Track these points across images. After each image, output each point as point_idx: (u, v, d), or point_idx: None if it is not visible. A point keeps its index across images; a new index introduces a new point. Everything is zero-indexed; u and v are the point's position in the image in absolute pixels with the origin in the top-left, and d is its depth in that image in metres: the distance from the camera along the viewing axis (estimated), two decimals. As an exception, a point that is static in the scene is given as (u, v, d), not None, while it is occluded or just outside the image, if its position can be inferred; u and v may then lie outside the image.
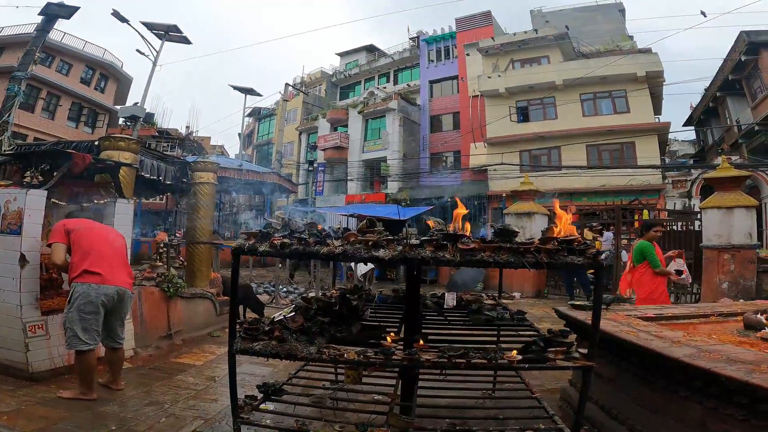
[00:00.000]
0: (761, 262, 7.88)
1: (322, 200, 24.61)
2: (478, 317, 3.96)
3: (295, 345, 2.81)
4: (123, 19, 16.60)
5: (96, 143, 5.98)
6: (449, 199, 17.80)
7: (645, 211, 12.08)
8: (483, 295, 5.04)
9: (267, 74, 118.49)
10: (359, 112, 26.34)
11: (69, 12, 6.57)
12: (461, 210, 3.20)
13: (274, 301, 10.39)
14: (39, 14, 6.52)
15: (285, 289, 11.53)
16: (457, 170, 21.97)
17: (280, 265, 11.64)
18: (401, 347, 3.06)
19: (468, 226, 3.20)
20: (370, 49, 33.74)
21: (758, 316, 3.46)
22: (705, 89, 21.94)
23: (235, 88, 26.25)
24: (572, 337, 3.19)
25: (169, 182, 7.18)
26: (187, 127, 27.46)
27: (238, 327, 2.97)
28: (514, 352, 2.70)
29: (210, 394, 4.36)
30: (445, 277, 13.02)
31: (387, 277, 15.08)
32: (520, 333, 3.77)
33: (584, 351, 2.74)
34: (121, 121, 21.41)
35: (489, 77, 20.34)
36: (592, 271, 4.27)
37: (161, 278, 6.28)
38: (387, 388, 3.72)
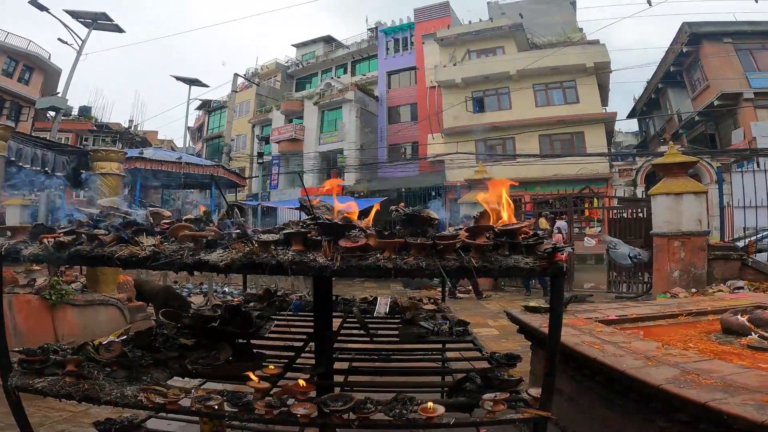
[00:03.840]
0: (711, 250, 7.66)
1: (277, 194, 23.60)
2: (409, 331, 3.18)
3: (99, 384, 2.07)
4: (42, 8, 15.16)
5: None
6: (404, 190, 17.37)
7: (595, 200, 11.93)
8: (423, 299, 4.29)
9: (219, 66, 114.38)
10: (315, 104, 25.45)
11: None
12: (335, 181, 2.41)
13: (208, 303, 9.51)
14: None
15: (223, 290, 10.64)
16: (414, 161, 21.44)
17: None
18: (279, 386, 2.32)
19: (372, 213, 2.44)
20: (328, 40, 32.79)
21: (738, 317, 2.93)
22: (648, 81, 22.40)
23: (178, 78, 24.75)
24: (516, 368, 2.48)
25: (59, 174, 6.21)
26: (131, 121, 25.73)
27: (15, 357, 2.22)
28: (431, 403, 1.91)
29: (88, 417, 3.59)
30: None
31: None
32: (462, 353, 3.06)
33: (536, 393, 1.98)
34: (51, 114, 19.71)
35: (445, 67, 19.99)
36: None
37: (40, 284, 5.37)
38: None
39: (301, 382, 2.12)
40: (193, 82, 22.60)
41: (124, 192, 6.73)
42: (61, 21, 16.05)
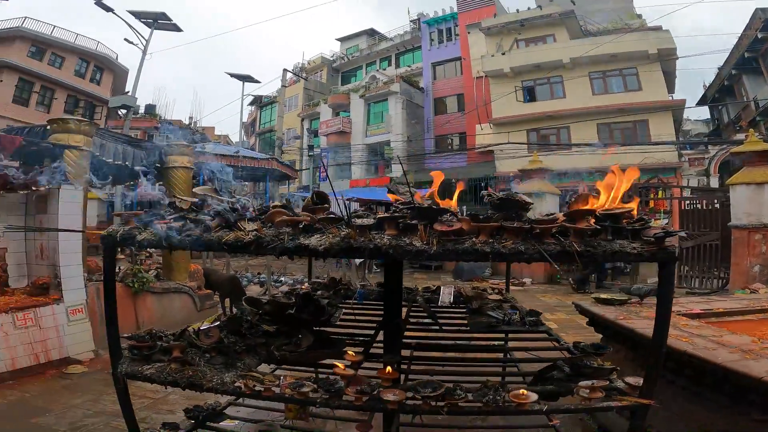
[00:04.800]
0: (796, 243, 7.08)
1: (326, 186, 24.06)
2: (478, 321, 3.15)
3: (202, 371, 2.13)
4: (107, 8, 16.09)
5: (47, 127, 5.42)
6: (454, 181, 17.01)
7: (660, 191, 11.26)
8: (487, 288, 4.21)
9: (268, 62, 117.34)
10: (361, 96, 25.60)
11: None
12: (439, 174, 2.37)
13: (266, 292, 9.88)
14: None
15: (281, 280, 11.00)
16: (462, 152, 21.11)
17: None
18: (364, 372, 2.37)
19: (453, 199, 2.34)
20: (371, 33, 32.82)
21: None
22: (719, 68, 20.93)
23: (232, 75, 25.68)
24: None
25: (138, 168, 6.60)
26: (191, 118, 27.01)
27: (123, 343, 2.30)
28: (524, 390, 1.91)
29: (169, 403, 3.83)
30: (451, 263, 12.27)
31: (389, 265, 14.24)
32: (537, 343, 3.02)
33: (634, 381, 1.94)
34: (122, 112, 21.02)
35: (493, 56, 19.52)
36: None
37: (123, 272, 5.77)
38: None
39: (389, 369, 2.16)
40: (245, 78, 23.35)
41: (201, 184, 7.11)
42: (125, 21, 17.00)
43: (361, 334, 3.12)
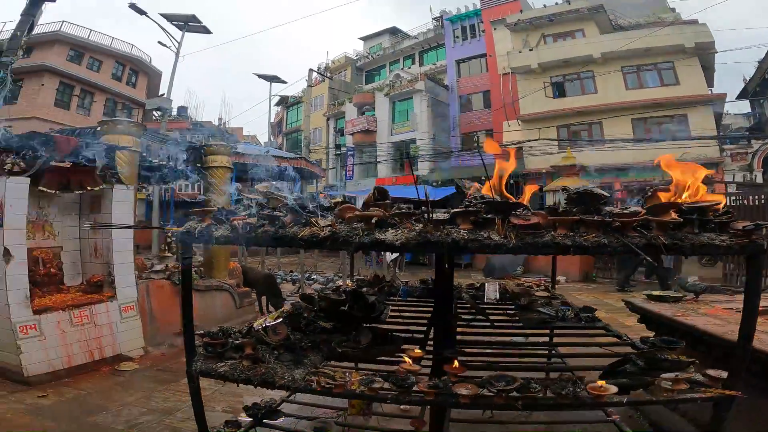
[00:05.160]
0: None
1: (353, 184, 24.19)
2: (530, 317, 3.09)
3: (273, 368, 2.17)
4: (141, 12, 16.49)
5: (98, 128, 5.61)
6: (483, 178, 16.87)
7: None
8: (533, 285, 4.16)
9: (292, 63, 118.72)
10: (386, 95, 25.61)
11: None
12: (508, 164, 2.34)
13: (299, 290, 9.98)
14: None
15: (312, 277, 11.11)
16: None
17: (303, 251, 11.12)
18: (427, 370, 2.36)
19: (528, 193, 2.39)
20: (393, 31, 32.82)
21: None
22: (759, 61, 20.10)
23: (259, 76, 26.09)
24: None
25: (180, 167, 6.77)
26: (220, 119, 27.52)
27: (198, 340, 2.34)
28: (602, 382, 1.89)
29: (217, 401, 3.92)
30: (482, 260, 12.12)
31: (420, 262, 14.16)
32: (596, 340, 2.94)
33: (715, 374, 1.92)
34: (156, 114, 21.60)
35: (520, 53, 19.22)
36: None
37: (170, 270, 5.89)
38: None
39: (456, 363, 2.15)
40: (273, 79, 23.65)
41: (232, 183, 7.27)
42: (159, 25, 17.44)
43: (411, 331, 3.11)
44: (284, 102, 33.32)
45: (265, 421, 3.05)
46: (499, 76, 22.11)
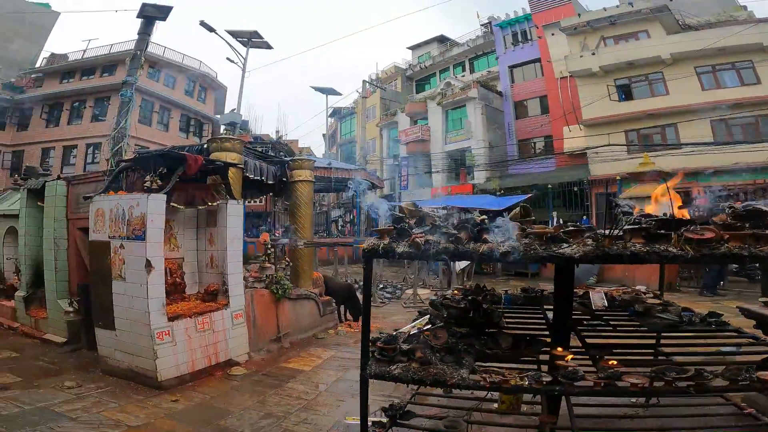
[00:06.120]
0: None
1: (407, 194, 24.23)
2: (652, 321, 3.15)
3: (441, 368, 2.33)
4: (210, 29, 17.46)
5: (205, 146, 6.01)
6: (549, 187, 16.60)
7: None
8: (640, 293, 4.22)
9: (341, 75, 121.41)
10: (438, 104, 25.58)
11: (164, 12, 6.75)
12: (664, 189, 2.50)
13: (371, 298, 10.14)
14: (137, 17, 6.71)
15: (381, 287, 11.24)
16: (551, 156, 20.35)
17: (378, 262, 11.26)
18: (586, 366, 2.47)
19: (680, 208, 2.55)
20: (441, 39, 32.83)
21: None
22: None
23: (316, 89, 26.88)
24: None
25: (271, 182, 7.12)
26: (277, 132, 28.55)
27: (371, 345, 2.51)
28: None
29: (320, 405, 4.08)
30: (549, 270, 11.84)
31: (483, 271, 14.13)
32: (732, 341, 3.04)
33: None
34: (222, 128, 22.74)
35: (581, 56, 18.69)
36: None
37: (269, 279, 6.17)
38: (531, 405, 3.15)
39: (612, 362, 2.36)
40: (329, 91, 24.26)
41: (320, 195, 7.57)
42: (226, 41, 18.42)
43: (531, 335, 3.20)
44: (337, 114, 34.10)
45: (399, 420, 3.19)
46: (556, 80, 21.59)
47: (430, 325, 2.78)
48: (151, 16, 6.81)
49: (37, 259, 5.98)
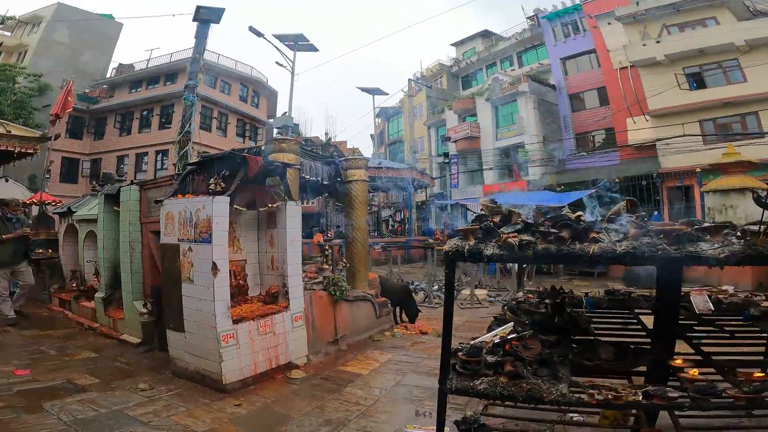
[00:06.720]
0: None
1: (458, 192, 23.84)
2: None
3: (535, 383, 2.06)
4: (259, 34, 17.87)
5: (262, 147, 6.01)
6: (617, 180, 15.63)
7: None
8: (750, 294, 3.75)
9: (385, 75, 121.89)
10: (486, 99, 24.93)
11: (217, 15, 6.86)
12: None
13: (426, 300, 9.89)
14: (193, 20, 6.86)
15: (437, 288, 10.97)
16: (614, 149, 19.22)
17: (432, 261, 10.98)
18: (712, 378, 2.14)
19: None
20: (485, 34, 32.04)
21: None
22: None
23: (362, 89, 26.95)
24: None
25: (326, 182, 7.04)
26: (326, 134, 28.89)
27: (452, 358, 2.28)
28: None
29: (379, 411, 3.91)
30: (617, 270, 11.11)
31: (543, 271, 13.49)
32: None
33: None
34: (275, 132, 23.34)
35: (644, 45, 17.61)
36: None
37: (326, 281, 6.08)
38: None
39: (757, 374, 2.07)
40: (375, 91, 24.25)
41: (368, 196, 7.44)
42: (275, 46, 18.85)
43: (633, 344, 2.92)
44: (383, 114, 34.09)
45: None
46: (615, 71, 20.45)
47: (514, 334, 2.50)
48: (205, 19, 6.93)
49: (115, 261, 6.22)
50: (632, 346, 2.65)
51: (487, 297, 10.30)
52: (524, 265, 10.38)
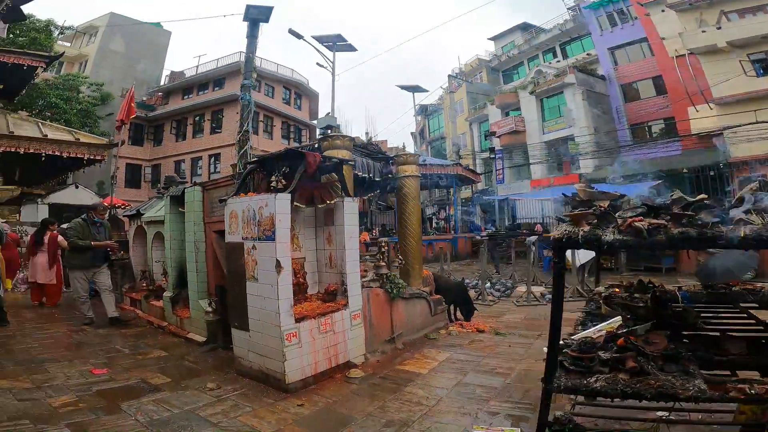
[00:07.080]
0: None
1: (504, 188, 23.25)
2: None
3: (666, 380, 1.87)
4: (299, 36, 18.05)
5: (316, 145, 5.98)
6: (685, 171, 14.73)
7: None
8: None
9: (423, 72, 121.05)
10: (531, 93, 24.14)
11: (266, 14, 6.86)
12: None
13: (480, 297, 9.60)
14: (243, 20, 6.91)
15: (490, 285, 10.64)
16: (674, 139, 18.11)
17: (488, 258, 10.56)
18: None
19: None
20: (524, 27, 31.11)
21: None
22: None
23: (402, 87, 26.77)
24: None
25: (377, 179, 6.94)
26: (367, 133, 28.96)
27: (560, 356, 2.10)
28: None
29: (443, 412, 3.75)
30: (688, 264, 10.35)
31: (604, 267, 12.80)
32: None
33: None
34: (318, 132, 23.64)
35: (703, 32, 16.63)
36: None
37: (383, 279, 5.97)
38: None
39: None
40: (415, 88, 24.02)
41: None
42: (314, 47, 19.01)
43: (753, 337, 2.70)
44: (423, 111, 33.76)
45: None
46: (671, 59, 19.30)
47: (624, 329, 2.28)
48: (255, 19, 6.98)
49: (181, 261, 6.36)
50: (763, 341, 2.42)
51: (543, 293, 9.89)
52: (585, 260, 9.88)
